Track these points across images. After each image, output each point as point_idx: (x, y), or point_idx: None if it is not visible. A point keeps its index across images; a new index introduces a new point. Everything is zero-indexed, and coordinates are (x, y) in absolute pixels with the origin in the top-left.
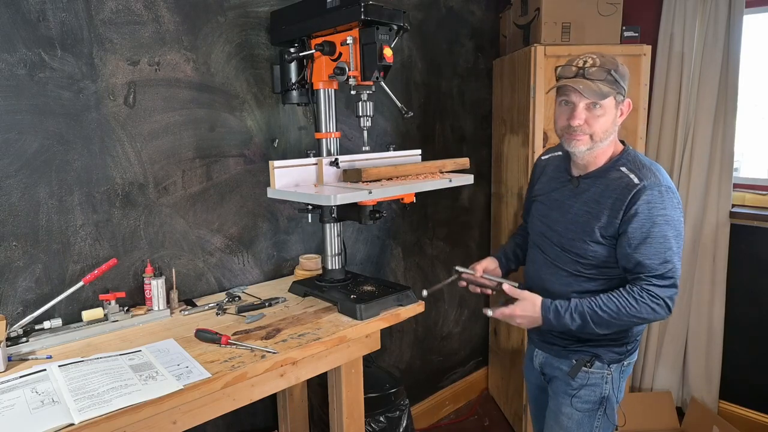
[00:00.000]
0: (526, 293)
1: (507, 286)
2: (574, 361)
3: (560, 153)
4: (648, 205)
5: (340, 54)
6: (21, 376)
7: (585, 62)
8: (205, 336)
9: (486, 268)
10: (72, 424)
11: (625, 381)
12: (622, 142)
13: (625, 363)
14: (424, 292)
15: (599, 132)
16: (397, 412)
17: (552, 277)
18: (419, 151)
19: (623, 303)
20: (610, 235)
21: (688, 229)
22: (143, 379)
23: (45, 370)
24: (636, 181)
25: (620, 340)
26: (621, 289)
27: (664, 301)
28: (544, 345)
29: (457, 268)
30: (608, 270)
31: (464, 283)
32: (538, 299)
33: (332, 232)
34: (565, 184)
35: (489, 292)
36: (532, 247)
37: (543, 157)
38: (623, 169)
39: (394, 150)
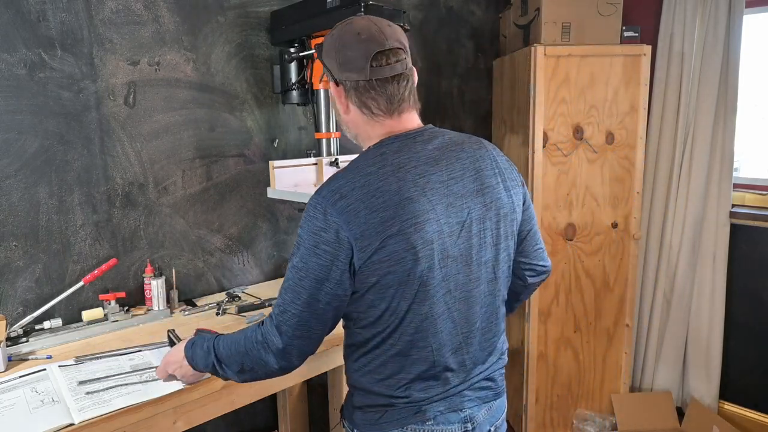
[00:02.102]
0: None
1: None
2: None
3: None
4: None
5: None
6: (21, 376)
7: None
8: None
9: None
10: (72, 424)
11: None
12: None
13: None
14: None
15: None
16: None
17: None
18: None
19: (239, 337)
20: None
21: (689, 229)
22: (143, 379)
23: (45, 369)
24: None
25: (366, 399)
26: None
27: (268, 345)
28: None
29: None
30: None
31: None
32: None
33: None
34: None
35: None
36: None
37: None
38: None
39: None
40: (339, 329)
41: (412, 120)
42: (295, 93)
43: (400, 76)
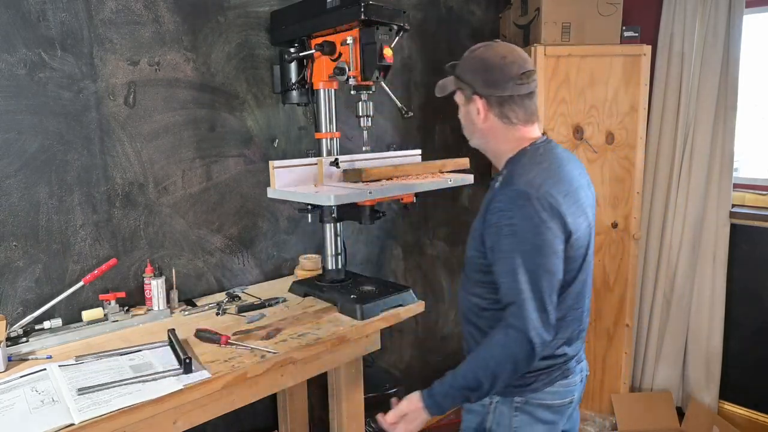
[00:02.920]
0: (404, 401)
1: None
2: None
3: None
4: (498, 214)
5: (340, 54)
6: (21, 376)
7: None
8: (205, 336)
9: None
10: (72, 424)
11: (535, 427)
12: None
13: (518, 400)
14: None
15: (464, 129)
16: None
17: (460, 292)
18: (419, 151)
19: (481, 346)
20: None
21: (689, 229)
22: (143, 379)
23: (45, 369)
24: (497, 184)
25: None
26: None
27: (515, 328)
28: None
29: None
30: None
31: None
32: (414, 395)
33: (332, 232)
34: None
35: None
36: None
37: None
38: (505, 170)
39: (394, 150)
40: (339, 325)
41: (539, 128)
42: (295, 93)
43: (533, 93)
